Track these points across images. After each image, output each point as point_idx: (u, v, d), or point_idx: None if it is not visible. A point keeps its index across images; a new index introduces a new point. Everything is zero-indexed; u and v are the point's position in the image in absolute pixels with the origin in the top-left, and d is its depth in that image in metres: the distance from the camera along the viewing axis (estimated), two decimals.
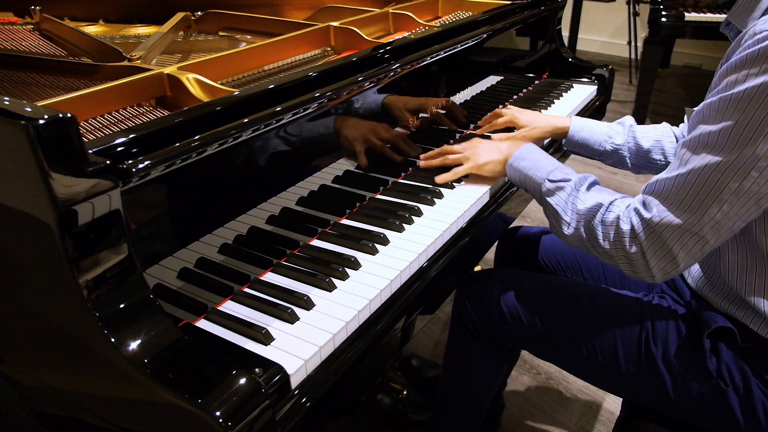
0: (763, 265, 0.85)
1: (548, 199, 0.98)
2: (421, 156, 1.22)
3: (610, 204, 0.89)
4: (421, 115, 1.29)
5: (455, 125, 1.40)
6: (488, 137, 1.35)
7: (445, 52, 1.25)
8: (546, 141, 1.41)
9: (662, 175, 0.83)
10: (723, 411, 0.90)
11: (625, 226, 0.85)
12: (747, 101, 0.71)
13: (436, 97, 1.33)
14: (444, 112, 1.36)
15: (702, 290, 0.96)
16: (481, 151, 1.14)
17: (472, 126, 1.44)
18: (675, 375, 0.93)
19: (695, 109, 0.83)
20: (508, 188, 1.21)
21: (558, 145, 1.43)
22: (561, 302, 1.06)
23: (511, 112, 1.36)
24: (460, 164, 1.16)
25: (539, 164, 1.03)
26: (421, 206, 1.07)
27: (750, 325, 0.88)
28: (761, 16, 0.81)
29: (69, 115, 0.58)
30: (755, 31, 0.72)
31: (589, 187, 0.95)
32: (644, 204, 0.84)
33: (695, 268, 0.99)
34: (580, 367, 1.06)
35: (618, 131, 1.28)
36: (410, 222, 1.02)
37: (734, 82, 0.73)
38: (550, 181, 0.98)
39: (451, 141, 1.37)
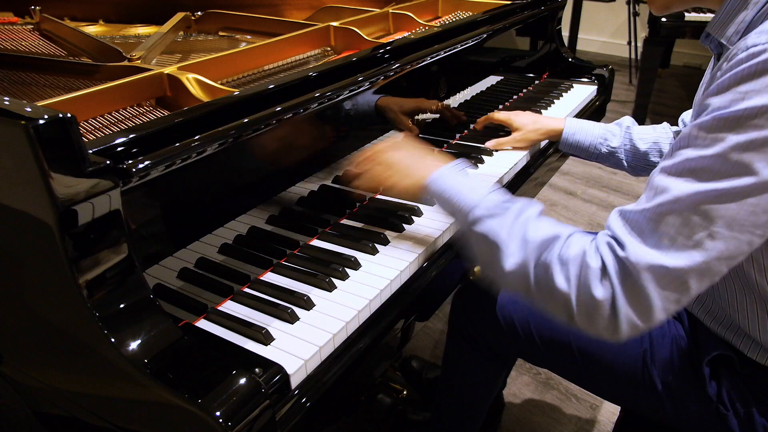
0: (764, 304, 0.82)
1: (479, 226, 0.78)
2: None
3: (569, 236, 0.72)
4: (419, 117, 1.29)
5: (452, 126, 1.40)
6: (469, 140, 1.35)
7: (445, 52, 1.25)
8: (543, 143, 1.41)
9: (634, 206, 0.69)
10: None
11: (594, 263, 0.68)
12: (747, 119, 0.62)
13: (434, 98, 1.33)
14: (442, 113, 1.36)
15: (698, 314, 0.94)
16: (391, 163, 0.93)
17: (472, 126, 1.44)
18: (673, 397, 0.92)
19: (681, 131, 0.75)
20: (510, 186, 1.21)
21: (556, 146, 1.43)
22: None
23: (507, 114, 1.35)
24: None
25: (472, 184, 0.83)
26: (422, 206, 1.06)
27: (747, 354, 0.86)
28: (746, 29, 0.75)
29: (69, 115, 0.58)
30: (747, 45, 0.64)
31: (540, 215, 0.78)
32: (615, 239, 0.68)
33: None
34: (577, 377, 1.06)
35: (615, 133, 1.26)
36: (410, 222, 1.02)
37: (732, 100, 0.63)
38: (485, 205, 0.79)
39: (453, 140, 1.37)
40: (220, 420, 0.59)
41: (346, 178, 1.03)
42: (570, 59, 1.89)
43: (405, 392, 1.54)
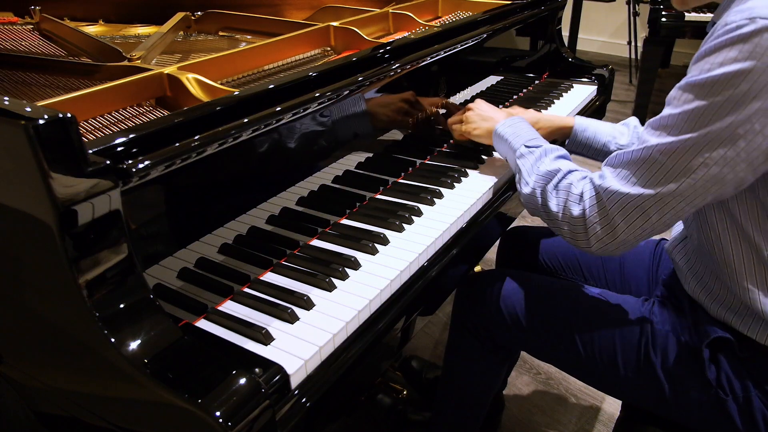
0: (762, 265, 0.84)
1: (518, 161, 1.04)
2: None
3: (568, 172, 0.94)
4: (420, 115, 1.29)
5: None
6: None
7: (445, 52, 1.25)
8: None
9: (622, 151, 0.86)
10: (722, 419, 0.90)
11: (576, 191, 0.89)
12: (711, 86, 0.74)
13: (435, 97, 1.33)
14: (444, 112, 1.36)
15: (699, 297, 0.95)
16: (474, 116, 1.23)
17: None
18: (674, 383, 0.93)
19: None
20: (509, 188, 1.21)
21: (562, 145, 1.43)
22: (561, 305, 1.06)
23: (507, 111, 1.36)
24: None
25: (522, 132, 1.10)
26: (421, 206, 1.07)
27: (747, 333, 0.87)
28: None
29: (69, 115, 0.58)
30: (726, 21, 0.73)
31: (557, 157, 0.99)
32: (600, 175, 0.88)
33: (692, 275, 0.97)
34: (579, 370, 1.06)
35: (623, 132, 1.27)
36: (410, 222, 1.02)
37: (702, 69, 0.75)
38: (525, 146, 1.05)
39: (452, 141, 1.36)
40: (220, 420, 0.59)
41: (448, 127, 1.32)
42: (570, 59, 1.89)
43: (405, 392, 1.54)
